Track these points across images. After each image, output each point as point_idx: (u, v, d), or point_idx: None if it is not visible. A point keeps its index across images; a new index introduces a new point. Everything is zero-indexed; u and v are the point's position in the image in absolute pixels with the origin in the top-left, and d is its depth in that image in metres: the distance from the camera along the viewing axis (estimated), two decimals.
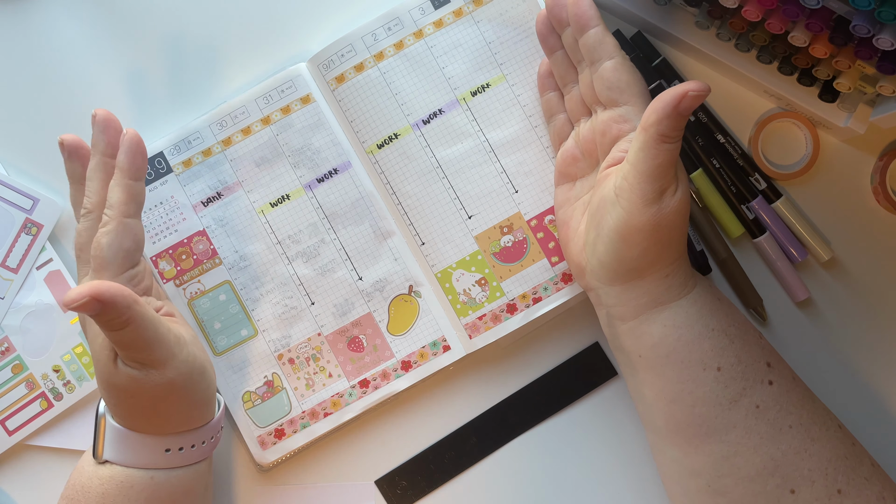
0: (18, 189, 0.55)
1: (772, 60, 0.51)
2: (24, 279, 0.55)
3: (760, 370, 0.45)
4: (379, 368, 0.54)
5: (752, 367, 0.45)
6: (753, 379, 0.44)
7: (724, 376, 0.44)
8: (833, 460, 0.43)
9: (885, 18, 0.39)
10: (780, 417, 0.44)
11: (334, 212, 0.54)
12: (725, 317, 0.46)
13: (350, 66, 0.54)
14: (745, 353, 0.45)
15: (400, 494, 0.55)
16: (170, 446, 0.47)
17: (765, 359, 0.45)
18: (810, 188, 0.55)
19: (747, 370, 0.44)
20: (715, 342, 0.45)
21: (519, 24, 0.53)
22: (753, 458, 0.44)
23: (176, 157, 0.55)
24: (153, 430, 0.47)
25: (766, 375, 0.45)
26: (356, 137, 0.54)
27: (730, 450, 0.44)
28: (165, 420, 0.46)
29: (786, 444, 0.43)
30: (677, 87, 0.41)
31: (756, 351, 0.45)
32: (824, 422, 0.45)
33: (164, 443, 0.47)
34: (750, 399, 0.44)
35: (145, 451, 0.46)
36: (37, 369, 0.55)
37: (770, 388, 0.44)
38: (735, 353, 0.45)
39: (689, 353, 0.45)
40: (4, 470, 0.56)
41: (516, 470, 0.55)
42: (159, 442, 0.47)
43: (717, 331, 0.45)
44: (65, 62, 0.57)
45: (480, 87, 0.54)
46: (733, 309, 0.47)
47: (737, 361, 0.45)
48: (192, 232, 0.55)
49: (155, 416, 0.46)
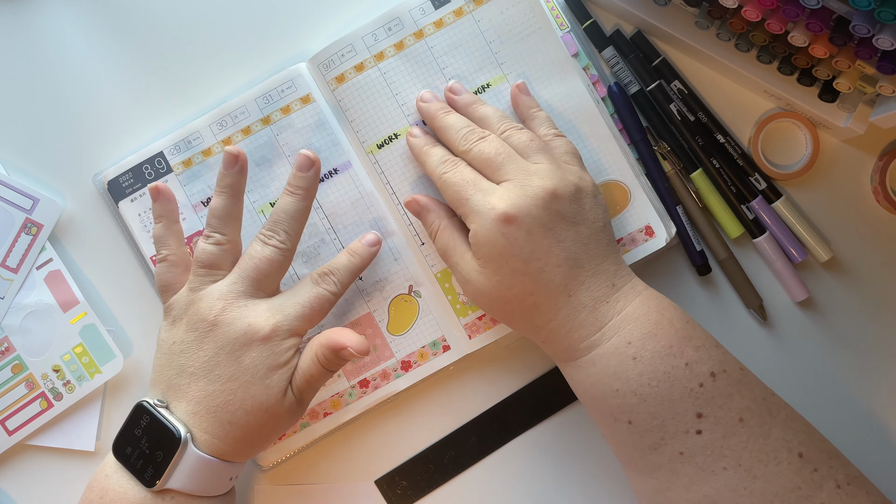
0: (18, 189, 0.55)
1: (772, 60, 0.51)
2: (24, 279, 0.55)
3: (685, 422, 0.42)
4: (379, 368, 0.54)
5: (672, 420, 0.42)
6: (675, 430, 0.42)
7: (637, 428, 0.43)
8: (781, 494, 0.41)
9: (885, 18, 0.39)
10: (710, 462, 0.42)
11: (334, 212, 0.54)
12: (638, 376, 0.43)
13: (350, 66, 0.54)
14: (662, 409, 0.42)
15: (400, 494, 0.55)
16: (233, 474, 0.47)
17: (694, 410, 0.42)
18: (810, 188, 0.55)
19: (666, 423, 0.42)
20: (621, 401, 0.43)
21: (519, 22, 0.53)
22: (686, 495, 0.43)
23: (176, 156, 0.55)
24: (242, 457, 0.47)
25: (694, 426, 0.42)
26: (356, 137, 0.54)
27: (661, 485, 0.43)
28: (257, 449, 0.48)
29: (721, 483, 0.42)
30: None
31: (682, 404, 0.42)
32: (775, 455, 0.42)
33: (234, 470, 0.47)
34: (672, 447, 0.42)
35: (219, 479, 0.46)
36: (37, 369, 0.55)
37: (698, 437, 0.42)
38: (648, 410, 0.42)
39: (598, 405, 0.45)
40: (4, 470, 0.56)
41: (516, 470, 0.55)
42: (232, 469, 0.47)
43: (624, 391, 0.43)
44: (65, 62, 0.57)
45: (481, 87, 0.54)
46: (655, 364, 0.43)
47: (650, 417, 0.43)
48: (191, 232, 0.55)
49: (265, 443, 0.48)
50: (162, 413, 0.45)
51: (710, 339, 0.44)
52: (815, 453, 0.43)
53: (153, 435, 0.45)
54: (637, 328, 0.43)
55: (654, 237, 0.53)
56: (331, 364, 0.47)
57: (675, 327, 0.43)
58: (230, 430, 0.45)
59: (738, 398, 0.43)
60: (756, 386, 0.44)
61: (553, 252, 0.44)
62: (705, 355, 0.43)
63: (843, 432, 0.54)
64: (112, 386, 0.56)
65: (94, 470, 0.55)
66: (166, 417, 0.45)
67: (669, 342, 0.43)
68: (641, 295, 0.45)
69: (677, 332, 0.43)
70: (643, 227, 0.53)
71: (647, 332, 0.43)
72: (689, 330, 0.44)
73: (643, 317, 0.44)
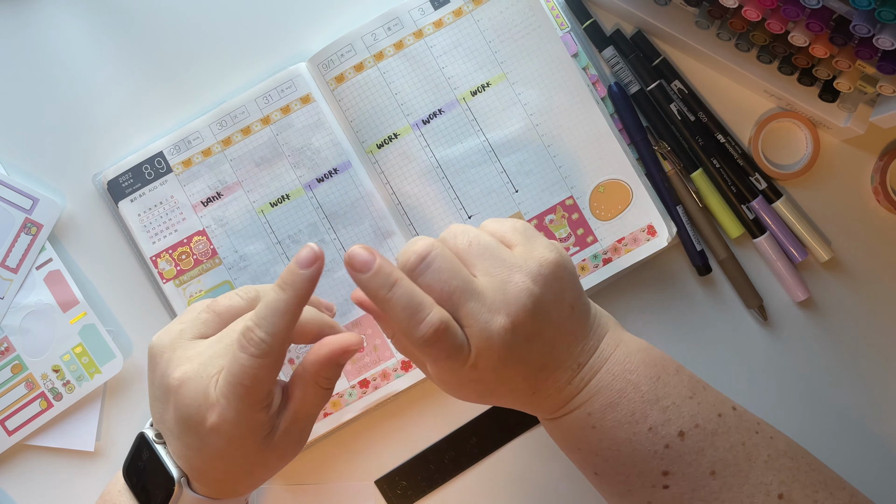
0: (18, 189, 0.55)
1: (772, 60, 0.51)
2: (24, 279, 0.55)
3: (651, 479, 0.42)
4: (379, 368, 0.54)
5: (637, 477, 0.42)
6: (640, 485, 0.42)
7: (604, 479, 0.43)
8: None
9: (885, 18, 0.39)
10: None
11: (334, 212, 0.54)
12: (598, 442, 0.42)
13: (350, 65, 0.54)
14: (625, 468, 0.42)
15: (400, 494, 0.55)
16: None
17: (660, 469, 0.41)
18: (810, 188, 0.55)
19: (630, 479, 0.42)
20: (584, 458, 0.43)
21: (519, 21, 0.53)
22: None
23: (176, 156, 0.55)
24: (236, 494, 0.45)
25: (660, 482, 0.42)
26: (356, 137, 0.54)
27: None
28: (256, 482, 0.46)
29: None
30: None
31: (646, 465, 0.42)
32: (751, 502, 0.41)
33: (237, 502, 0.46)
34: (639, 497, 0.42)
35: None
36: (36, 369, 0.55)
37: (665, 491, 0.42)
38: (611, 468, 0.42)
39: (566, 453, 0.45)
40: (4, 470, 0.56)
41: (516, 470, 0.55)
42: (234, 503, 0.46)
43: (586, 451, 0.43)
44: (65, 62, 0.57)
45: (480, 86, 0.54)
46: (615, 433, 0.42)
47: (615, 473, 0.42)
48: (191, 232, 0.55)
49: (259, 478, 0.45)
50: (159, 451, 0.44)
51: (685, 391, 0.43)
52: (797, 491, 0.42)
53: (153, 472, 0.44)
54: (599, 400, 0.42)
55: (655, 236, 0.53)
56: (334, 381, 0.43)
57: (639, 392, 0.42)
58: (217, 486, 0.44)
59: (710, 452, 0.42)
60: (735, 431, 0.43)
61: (519, 374, 0.42)
62: (674, 415, 0.42)
63: (844, 433, 0.54)
64: (112, 386, 0.56)
65: (93, 470, 0.56)
66: (162, 457, 0.44)
67: (632, 409, 0.42)
68: (608, 362, 0.43)
69: (642, 396, 0.42)
70: (645, 227, 0.53)
71: (608, 402, 0.42)
72: (658, 390, 0.42)
73: (607, 387, 0.42)
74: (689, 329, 0.55)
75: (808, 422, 0.54)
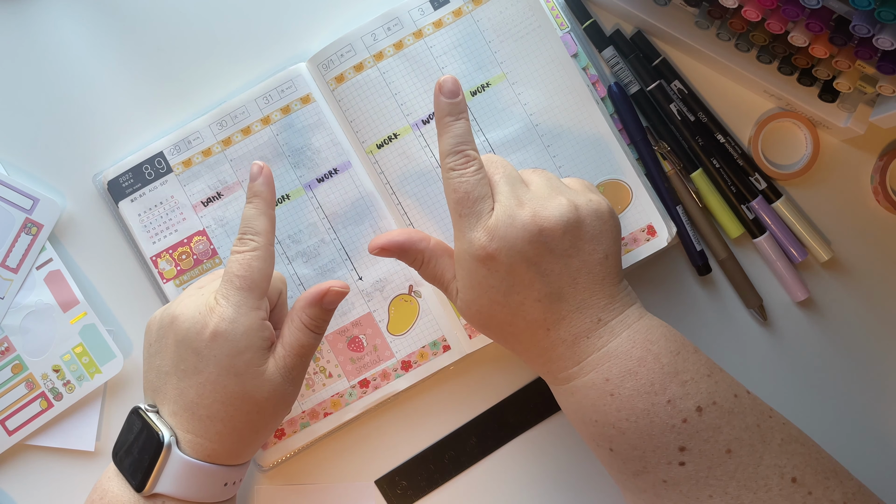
0: (18, 189, 0.55)
1: (772, 60, 0.51)
2: (24, 279, 0.55)
3: (667, 454, 0.42)
4: (379, 368, 0.54)
5: (654, 452, 0.42)
6: (656, 461, 0.42)
7: (619, 456, 0.43)
8: None
9: (885, 18, 0.39)
10: (695, 491, 0.42)
11: (334, 212, 0.55)
12: (616, 412, 0.42)
13: (350, 65, 0.54)
14: (642, 442, 0.42)
15: (400, 494, 0.55)
16: (228, 479, 0.46)
17: (677, 444, 0.42)
18: (810, 188, 0.55)
19: (647, 454, 0.42)
20: (601, 431, 0.43)
21: (519, 21, 0.53)
22: None
23: (176, 156, 0.55)
24: (234, 457, 0.46)
25: (677, 458, 0.42)
26: (356, 137, 0.54)
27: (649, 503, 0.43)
28: (250, 445, 0.46)
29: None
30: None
31: (663, 439, 0.42)
32: (765, 483, 0.41)
33: (227, 475, 0.46)
34: (654, 475, 0.42)
35: (211, 484, 0.45)
36: (36, 369, 0.55)
37: (681, 468, 0.42)
38: (628, 441, 0.42)
39: (580, 428, 0.45)
40: (4, 470, 0.56)
41: (516, 470, 0.55)
42: (225, 474, 0.46)
43: (603, 423, 0.43)
44: (65, 62, 0.57)
45: (480, 86, 0.54)
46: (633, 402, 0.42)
47: (631, 448, 0.42)
48: (192, 232, 0.55)
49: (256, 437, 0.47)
50: (150, 417, 0.45)
51: (703, 368, 0.43)
52: (810, 476, 0.42)
53: (144, 439, 0.45)
54: (617, 365, 0.42)
55: (656, 236, 0.53)
56: (319, 322, 0.47)
57: (660, 363, 0.42)
58: (211, 426, 0.45)
59: (726, 430, 0.42)
60: (750, 412, 0.43)
61: (534, 286, 0.43)
62: (693, 389, 0.42)
63: (844, 432, 0.54)
64: (112, 386, 0.56)
65: (93, 470, 0.56)
66: (153, 421, 0.45)
67: (651, 379, 0.42)
68: (630, 328, 0.43)
69: (662, 367, 0.42)
70: (645, 227, 0.53)
71: (627, 369, 0.42)
72: (678, 364, 0.43)
73: (626, 353, 0.43)
74: (689, 329, 0.55)
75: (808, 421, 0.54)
